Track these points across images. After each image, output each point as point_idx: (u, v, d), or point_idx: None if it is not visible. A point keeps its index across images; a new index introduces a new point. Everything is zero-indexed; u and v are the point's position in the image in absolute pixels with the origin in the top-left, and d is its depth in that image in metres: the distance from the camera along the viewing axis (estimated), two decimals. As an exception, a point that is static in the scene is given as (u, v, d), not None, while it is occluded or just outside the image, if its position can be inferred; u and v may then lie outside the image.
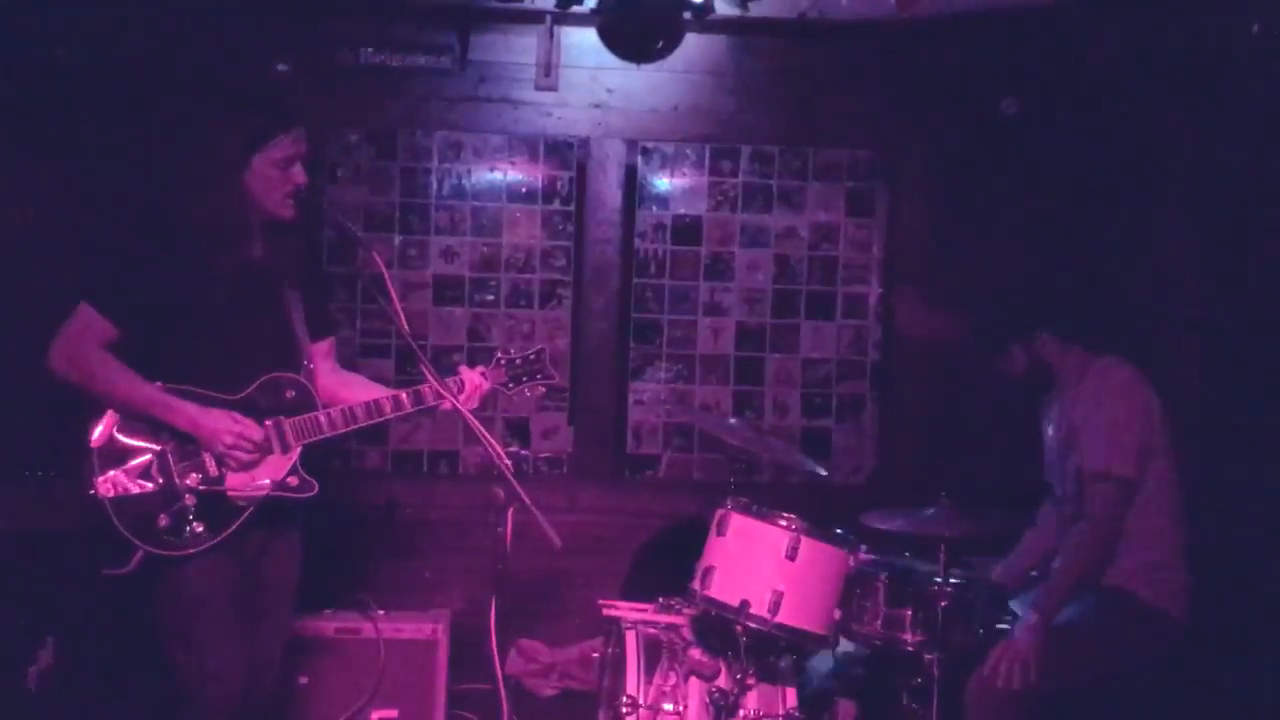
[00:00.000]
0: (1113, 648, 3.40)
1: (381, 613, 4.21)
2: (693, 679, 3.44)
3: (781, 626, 3.27)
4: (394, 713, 4.07)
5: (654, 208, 5.11)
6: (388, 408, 3.18)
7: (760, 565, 3.32)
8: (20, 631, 3.83)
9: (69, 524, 3.04)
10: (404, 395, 3.20)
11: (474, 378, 3.26)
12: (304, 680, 4.03)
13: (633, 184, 5.08)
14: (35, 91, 4.57)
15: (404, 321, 3.14)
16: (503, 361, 3.36)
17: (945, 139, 5.04)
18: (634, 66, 4.93)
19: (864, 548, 3.50)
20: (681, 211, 5.12)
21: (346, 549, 4.63)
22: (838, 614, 3.37)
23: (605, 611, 3.81)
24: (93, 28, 4.64)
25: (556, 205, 5.07)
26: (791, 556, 3.29)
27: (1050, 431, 3.72)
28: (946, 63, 4.98)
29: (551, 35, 4.90)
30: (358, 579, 4.53)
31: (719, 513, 3.48)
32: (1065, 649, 3.33)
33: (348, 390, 3.31)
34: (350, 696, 4.06)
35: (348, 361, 4.86)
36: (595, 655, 4.22)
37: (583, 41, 4.93)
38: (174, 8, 4.70)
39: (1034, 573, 3.74)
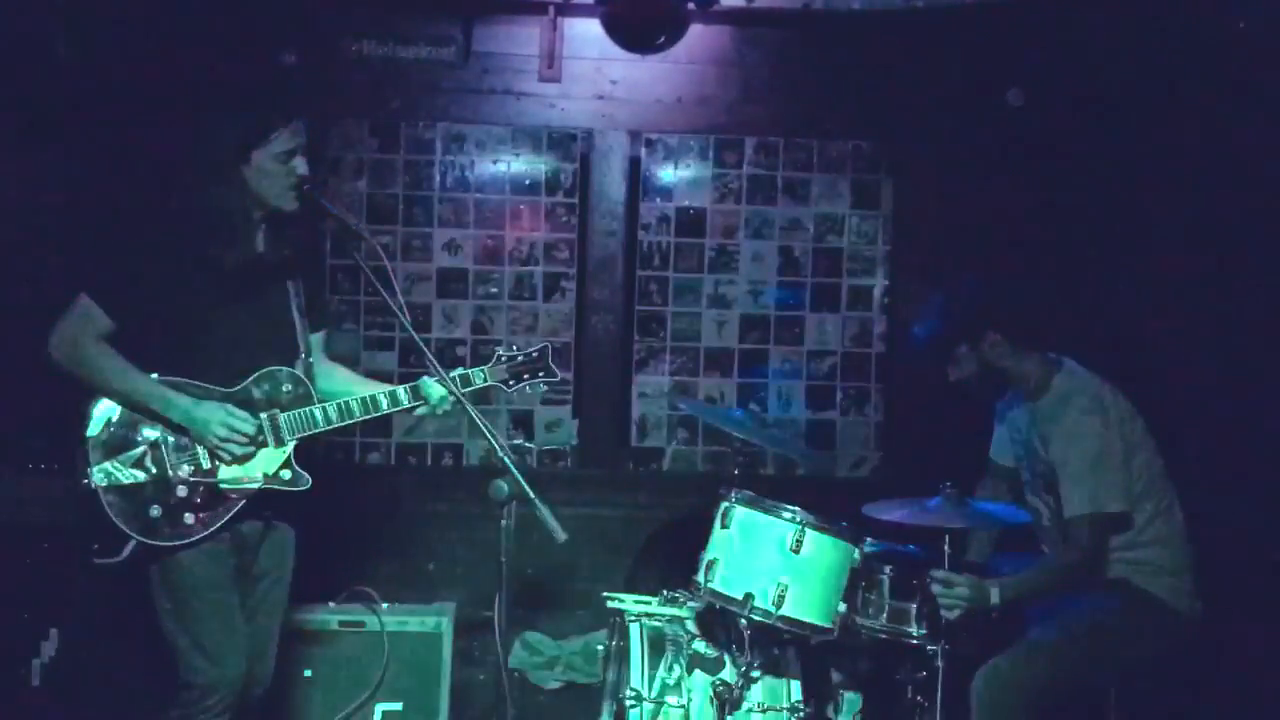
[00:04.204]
0: (1115, 639, 3.38)
1: (386, 606, 4.20)
2: (697, 672, 3.43)
3: (786, 619, 3.26)
4: (398, 706, 4.06)
5: (658, 200, 5.10)
6: (385, 403, 3.17)
7: (764, 558, 3.31)
8: (24, 624, 3.84)
9: (71, 516, 3.04)
10: (401, 391, 3.20)
11: (437, 391, 3.17)
12: (308, 673, 4.02)
13: (636, 176, 5.07)
14: (36, 85, 4.56)
15: (406, 315, 3.12)
16: (503, 359, 3.33)
17: (950, 130, 5.02)
18: (638, 58, 4.92)
19: (869, 540, 3.48)
20: (686, 203, 5.10)
21: (351, 542, 4.63)
22: (842, 607, 3.36)
23: (609, 604, 3.80)
24: (94, 20, 4.63)
25: (560, 197, 5.06)
26: (796, 549, 3.28)
27: (1018, 436, 3.66)
28: (952, 54, 4.95)
29: (555, 26, 4.89)
30: (362, 572, 4.51)
31: (723, 505, 3.46)
32: (1069, 644, 3.33)
33: (330, 382, 3.29)
34: (355, 689, 4.05)
35: (353, 354, 4.89)
36: (599, 648, 4.21)
37: (586, 33, 4.91)
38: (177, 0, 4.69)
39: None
